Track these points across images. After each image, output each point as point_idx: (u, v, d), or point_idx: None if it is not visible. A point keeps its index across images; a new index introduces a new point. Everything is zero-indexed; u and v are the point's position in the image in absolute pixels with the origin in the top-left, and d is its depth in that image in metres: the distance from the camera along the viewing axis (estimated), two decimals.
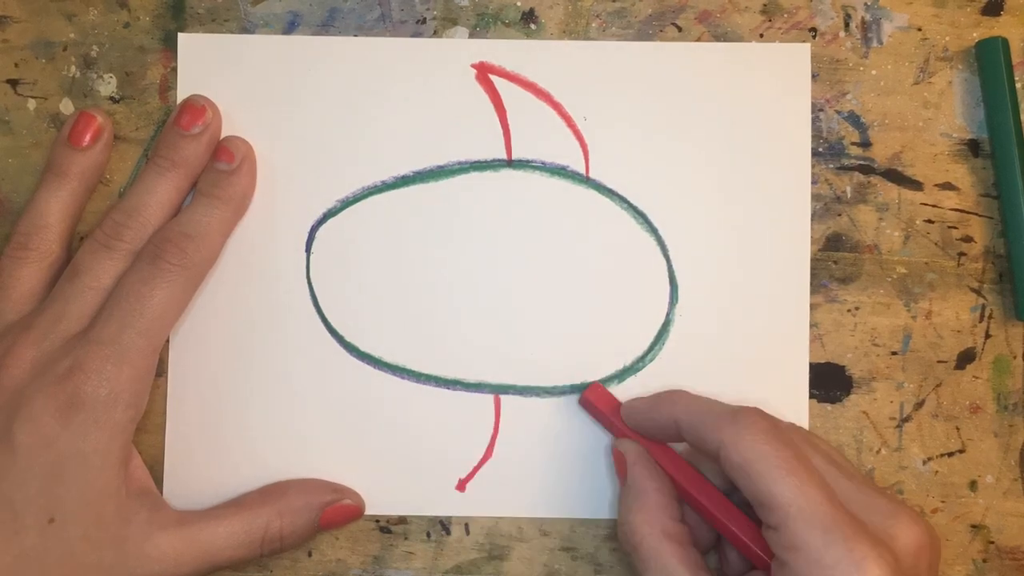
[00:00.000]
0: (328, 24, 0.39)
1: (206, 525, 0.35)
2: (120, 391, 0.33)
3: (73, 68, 0.39)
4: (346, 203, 0.38)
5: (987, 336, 0.38)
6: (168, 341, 0.38)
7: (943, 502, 0.38)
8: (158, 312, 0.34)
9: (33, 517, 0.32)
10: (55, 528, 0.33)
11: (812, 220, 0.38)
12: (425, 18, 0.39)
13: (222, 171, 0.37)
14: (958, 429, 0.38)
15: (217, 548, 0.35)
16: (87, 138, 0.37)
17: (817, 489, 0.30)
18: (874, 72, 0.39)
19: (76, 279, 0.35)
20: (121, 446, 0.34)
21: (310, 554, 0.38)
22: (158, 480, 0.37)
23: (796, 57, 0.39)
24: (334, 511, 0.36)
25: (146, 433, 0.38)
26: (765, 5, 0.39)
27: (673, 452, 0.35)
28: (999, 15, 0.39)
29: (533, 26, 0.39)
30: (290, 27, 0.39)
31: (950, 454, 0.38)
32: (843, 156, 0.39)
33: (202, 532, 0.35)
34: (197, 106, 0.37)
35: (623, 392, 0.38)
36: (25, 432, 0.33)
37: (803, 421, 0.38)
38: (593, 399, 0.37)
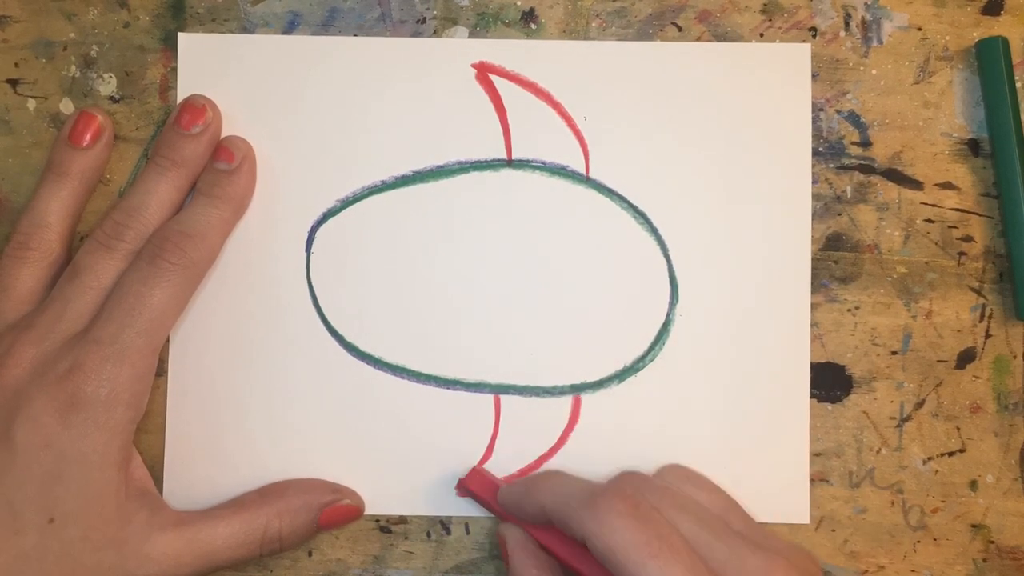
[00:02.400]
0: (328, 24, 0.39)
1: (205, 525, 0.35)
2: (120, 391, 0.33)
3: (73, 68, 0.39)
4: (346, 203, 0.38)
5: (987, 336, 0.38)
6: (168, 341, 0.38)
7: (943, 502, 0.38)
8: (157, 311, 0.34)
9: (32, 517, 0.32)
10: (55, 528, 0.33)
11: (812, 220, 0.38)
12: (425, 18, 0.39)
13: (222, 171, 0.37)
14: (958, 429, 0.38)
15: (216, 548, 0.35)
16: (87, 137, 0.37)
17: (680, 567, 0.29)
18: (874, 72, 0.39)
19: (76, 279, 0.35)
20: (121, 446, 0.34)
21: (310, 554, 0.38)
22: (158, 480, 0.37)
23: (796, 57, 0.39)
24: (333, 511, 0.36)
25: (146, 433, 0.38)
26: (765, 5, 0.39)
27: (561, 533, 0.34)
28: (999, 15, 0.39)
29: (533, 26, 0.39)
30: (290, 27, 0.39)
31: (950, 454, 0.38)
32: (843, 156, 0.39)
33: (201, 532, 0.35)
34: (197, 106, 0.37)
35: (624, 391, 0.38)
36: (25, 432, 0.33)
37: (803, 421, 0.38)
38: (472, 487, 0.36)
